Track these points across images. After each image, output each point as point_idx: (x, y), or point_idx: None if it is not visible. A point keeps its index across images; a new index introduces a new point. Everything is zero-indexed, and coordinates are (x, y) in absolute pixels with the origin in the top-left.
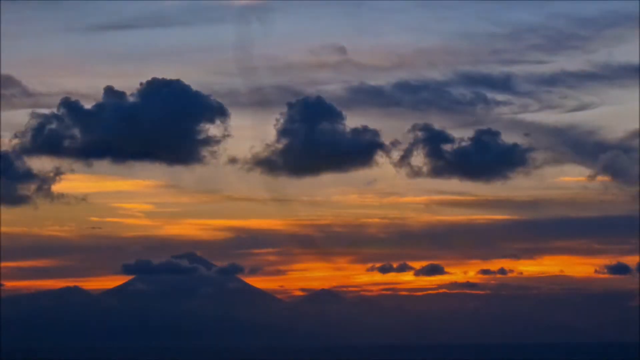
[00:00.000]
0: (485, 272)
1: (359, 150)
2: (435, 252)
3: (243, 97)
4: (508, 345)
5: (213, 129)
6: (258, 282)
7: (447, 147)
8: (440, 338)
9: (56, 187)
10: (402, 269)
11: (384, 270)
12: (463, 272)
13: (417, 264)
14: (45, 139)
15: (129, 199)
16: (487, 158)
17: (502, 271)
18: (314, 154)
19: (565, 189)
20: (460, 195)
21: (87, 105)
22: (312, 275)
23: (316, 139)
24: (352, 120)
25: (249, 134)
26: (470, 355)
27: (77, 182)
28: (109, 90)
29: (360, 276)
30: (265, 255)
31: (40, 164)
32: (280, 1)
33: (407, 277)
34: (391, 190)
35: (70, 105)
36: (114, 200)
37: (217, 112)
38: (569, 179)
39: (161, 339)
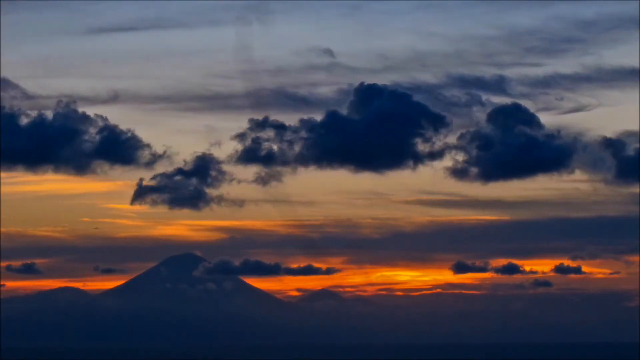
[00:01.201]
0: (482, 271)
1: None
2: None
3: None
4: (503, 344)
5: (426, 136)
6: (256, 282)
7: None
8: (435, 338)
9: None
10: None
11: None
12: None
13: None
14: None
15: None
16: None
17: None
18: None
19: (558, 190)
20: (448, 195)
21: None
22: (309, 275)
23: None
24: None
25: None
26: (465, 355)
27: None
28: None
29: (358, 277)
30: (261, 255)
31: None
32: (274, 2)
33: (404, 278)
34: None
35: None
36: (103, 201)
37: (434, 119)
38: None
39: (159, 339)
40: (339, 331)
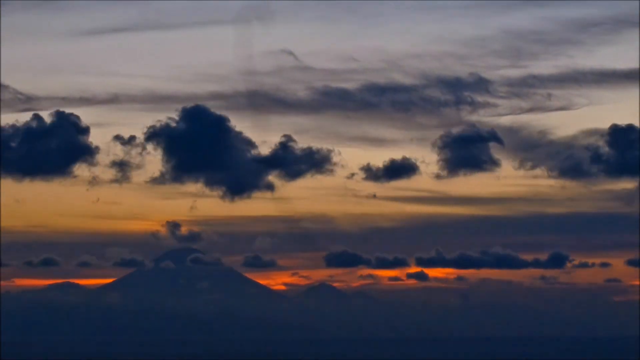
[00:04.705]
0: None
1: None
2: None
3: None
4: (489, 339)
5: None
6: (254, 276)
7: None
8: (423, 332)
9: None
10: None
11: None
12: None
13: None
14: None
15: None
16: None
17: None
18: None
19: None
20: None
21: None
22: (300, 271)
23: None
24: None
25: None
26: (452, 350)
27: None
28: None
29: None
30: (256, 251)
31: None
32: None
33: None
34: None
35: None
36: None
37: None
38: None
39: (157, 334)
40: (335, 325)
